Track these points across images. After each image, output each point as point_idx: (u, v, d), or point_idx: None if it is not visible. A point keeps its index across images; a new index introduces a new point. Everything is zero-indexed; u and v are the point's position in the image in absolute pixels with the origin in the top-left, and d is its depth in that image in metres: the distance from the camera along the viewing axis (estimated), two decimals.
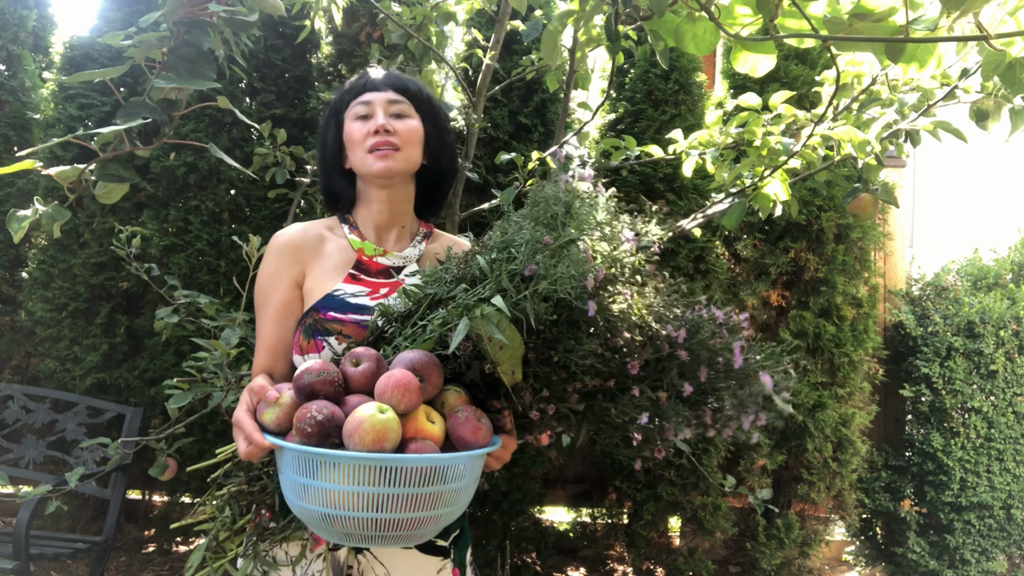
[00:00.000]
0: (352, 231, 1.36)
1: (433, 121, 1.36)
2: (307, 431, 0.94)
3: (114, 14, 3.54)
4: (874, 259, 3.69)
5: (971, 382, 3.47)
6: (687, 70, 3.57)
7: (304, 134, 3.55)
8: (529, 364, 1.03)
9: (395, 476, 0.91)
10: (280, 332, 1.30)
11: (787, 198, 1.88)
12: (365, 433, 0.92)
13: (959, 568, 3.48)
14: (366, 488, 0.90)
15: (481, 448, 1.00)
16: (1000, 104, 1.45)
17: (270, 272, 1.33)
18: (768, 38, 1.11)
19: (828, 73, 1.86)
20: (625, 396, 1.06)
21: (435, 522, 0.97)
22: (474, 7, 2.56)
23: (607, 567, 3.64)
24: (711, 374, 1.10)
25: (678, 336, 1.08)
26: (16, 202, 3.66)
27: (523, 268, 1.00)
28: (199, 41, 1.07)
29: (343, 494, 0.91)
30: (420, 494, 0.92)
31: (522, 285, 1.00)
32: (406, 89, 1.33)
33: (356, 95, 1.32)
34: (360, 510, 0.91)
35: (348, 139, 1.32)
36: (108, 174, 1.04)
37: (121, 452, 2.19)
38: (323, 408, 0.95)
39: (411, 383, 0.98)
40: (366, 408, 0.94)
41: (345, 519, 0.92)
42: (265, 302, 1.32)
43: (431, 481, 0.93)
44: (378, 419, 0.92)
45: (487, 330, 0.95)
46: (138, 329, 3.54)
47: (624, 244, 1.12)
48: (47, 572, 3.30)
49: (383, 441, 0.92)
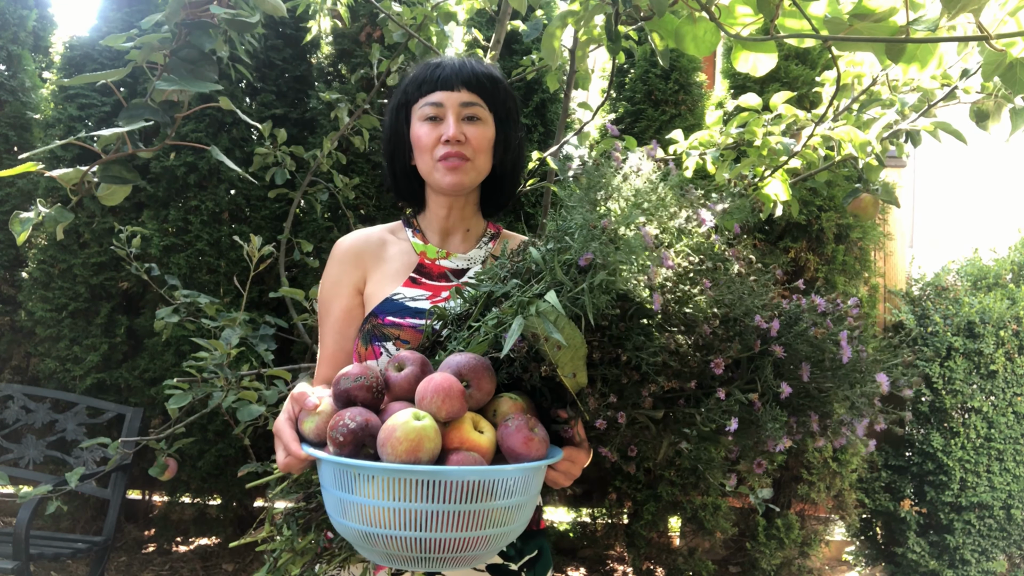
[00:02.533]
0: (415, 234, 1.31)
1: (505, 119, 1.27)
2: (339, 440, 0.88)
3: (114, 14, 3.54)
4: (874, 259, 3.69)
5: (971, 382, 3.47)
6: (687, 70, 3.58)
7: (304, 134, 3.55)
8: (595, 365, 0.92)
9: (435, 491, 0.83)
10: (342, 342, 1.25)
11: (787, 198, 1.88)
12: (398, 442, 0.85)
13: (959, 568, 3.48)
14: (403, 504, 0.83)
15: (534, 461, 0.90)
16: (1000, 104, 1.45)
17: (332, 280, 1.28)
18: (769, 38, 1.11)
19: (828, 73, 1.86)
20: (710, 400, 0.92)
21: (485, 543, 0.88)
22: (474, 7, 2.56)
23: (607, 567, 3.64)
24: (815, 372, 0.96)
25: (770, 329, 0.93)
26: (16, 202, 3.66)
27: (578, 257, 0.90)
28: (201, 43, 1.07)
29: (380, 510, 0.84)
30: (465, 511, 0.84)
31: (579, 277, 0.90)
32: (482, 87, 1.23)
33: (427, 91, 1.22)
34: (399, 528, 0.84)
35: (416, 141, 1.23)
36: (111, 176, 1.04)
37: (121, 452, 2.19)
38: (357, 416, 0.89)
39: (453, 388, 0.90)
40: (401, 415, 0.87)
41: (385, 538, 0.85)
42: (327, 311, 1.28)
43: (476, 497, 0.84)
44: (412, 427, 0.85)
45: (544, 329, 0.85)
46: (138, 329, 3.54)
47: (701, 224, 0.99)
48: (47, 572, 3.30)
49: (418, 451, 0.84)
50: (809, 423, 0.96)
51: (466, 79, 1.22)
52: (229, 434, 3.34)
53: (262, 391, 2.00)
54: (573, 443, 1.01)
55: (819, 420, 0.96)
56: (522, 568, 1.20)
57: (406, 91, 1.26)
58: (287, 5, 2.31)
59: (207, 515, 3.56)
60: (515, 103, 1.30)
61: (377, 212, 3.42)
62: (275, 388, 2.04)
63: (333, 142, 2.72)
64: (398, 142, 1.28)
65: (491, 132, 1.24)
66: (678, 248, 0.97)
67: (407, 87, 1.26)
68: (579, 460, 1.02)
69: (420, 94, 1.23)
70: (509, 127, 1.27)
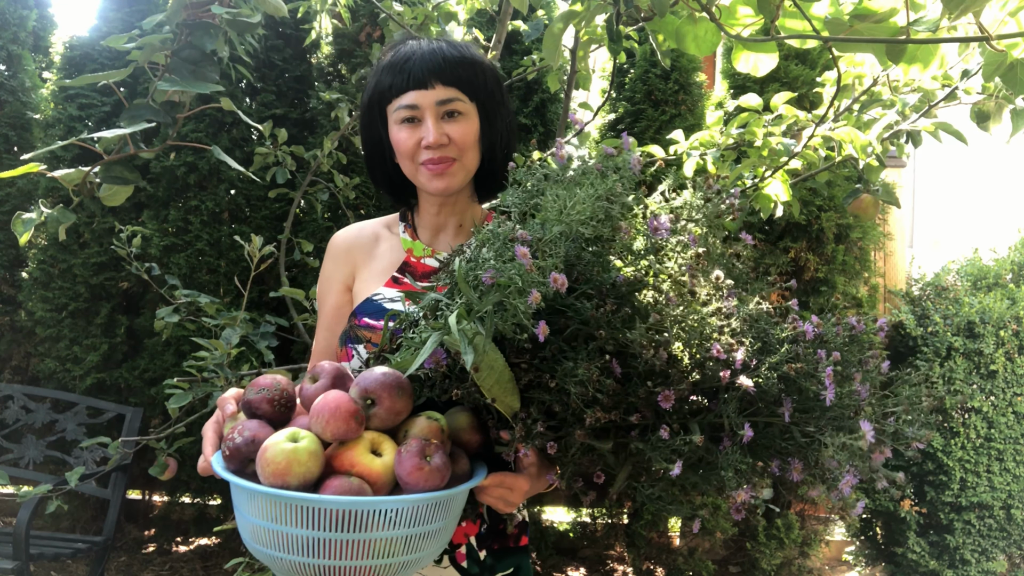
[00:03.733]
0: (407, 229, 1.25)
1: (489, 104, 1.17)
2: (225, 454, 0.84)
3: (114, 14, 3.54)
4: (874, 259, 3.69)
5: (971, 382, 3.47)
6: (687, 70, 3.58)
7: (304, 134, 3.55)
8: (529, 388, 0.85)
9: (306, 516, 0.79)
10: (330, 338, 1.23)
11: (788, 198, 1.88)
12: (266, 464, 0.81)
13: (959, 568, 3.48)
14: (280, 527, 0.80)
15: (426, 491, 0.83)
16: (1001, 105, 1.45)
17: (325, 276, 1.26)
18: (769, 39, 1.11)
19: (829, 74, 1.86)
20: (654, 437, 0.82)
21: (370, 573, 0.82)
22: (475, 7, 2.56)
23: (607, 567, 3.64)
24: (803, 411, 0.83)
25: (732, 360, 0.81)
26: (16, 202, 3.66)
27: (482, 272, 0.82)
28: (202, 43, 1.07)
29: (265, 530, 0.81)
30: (341, 540, 0.79)
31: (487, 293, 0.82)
32: (458, 78, 1.12)
33: (399, 91, 1.12)
34: (282, 551, 0.81)
35: (396, 146, 1.15)
36: (113, 176, 1.04)
37: (121, 452, 2.19)
38: (245, 430, 0.85)
39: (340, 407, 0.84)
40: (278, 435, 0.83)
41: (274, 559, 0.82)
42: (321, 306, 1.26)
43: (353, 527, 0.79)
44: (282, 448, 0.81)
45: (460, 348, 0.79)
46: (138, 329, 3.54)
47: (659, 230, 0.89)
48: (47, 572, 3.30)
49: (285, 475, 0.80)
50: (789, 469, 0.85)
51: (438, 72, 1.10)
52: None
53: None
54: (519, 468, 0.96)
55: (801, 468, 0.85)
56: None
57: (378, 88, 1.16)
58: (288, 6, 2.31)
59: (207, 515, 3.56)
60: (497, 82, 1.20)
61: (377, 212, 3.42)
62: None
63: (333, 142, 2.72)
64: (376, 141, 1.20)
65: (475, 125, 1.15)
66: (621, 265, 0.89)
67: (378, 84, 1.15)
68: (516, 486, 0.96)
69: (392, 94, 1.13)
70: (494, 111, 1.18)
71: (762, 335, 0.87)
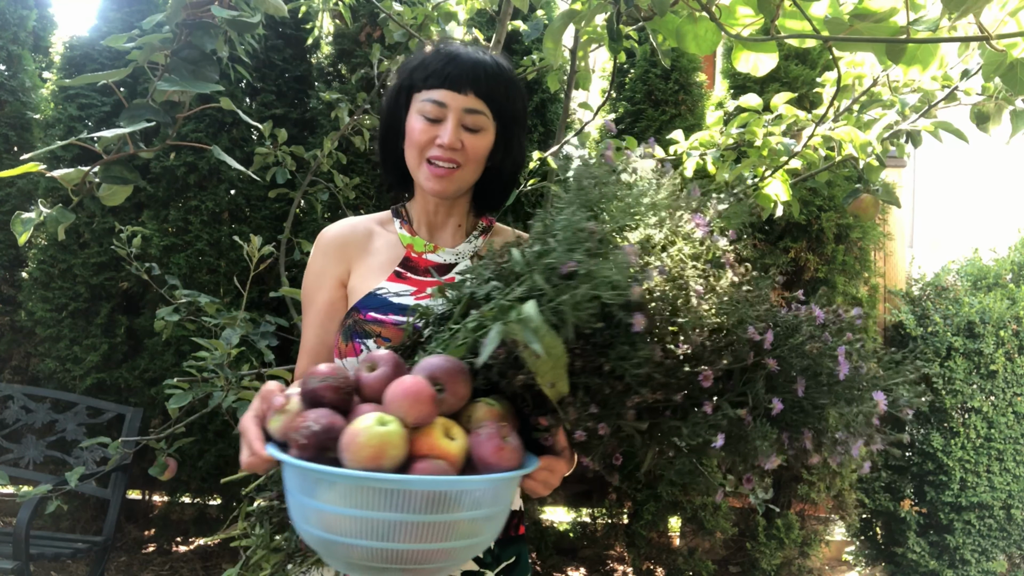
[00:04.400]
0: (403, 225, 1.26)
1: (511, 123, 1.20)
2: (301, 442, 0.84)
3: (114, 14, 3.54)
4: (874, 259, 3.69)
5: (971, 382, 3.47)
6: (687, 70, 3.58)
7: (304, 134, 3.55)
8: (577, 374, 0.88)
9: (397, 500, 0.79)
10: (323, 335, 1.22)
11: (788, 198, 1.88)
12: (360, 448, 0.81)
13: (959, 568, 3.48)
14: (365, 512, 0.79)
15: (506, 472, 0.86)
16: (1001, 106, 1.45)
17: (315, 271, 1.24)
18: (769, 38, 1.11)
19: (829, 74, 1.86)
20: (697, 413, 0.89)
21: (446, 556, 0.84)
22: (475, 7, 2.56)
23: (607, 567, 3.64)
24: (811, 387, 0.91)
25: (764, 340, 0.89)
26: (16, 202, 3.66)
27: (560, 264, 0.86)
28: (202, 43, 1.07)
29: (341, 517, 0.80)
30: (428, 522, 0.80)
31: (561, 284, 0.86)
32: (491, 94, 1.15)
33: (433, 85, 1.14)
34: (359, 537, 0.80)
35: (409, 132, 1.16)
36: (112, 176, 1.04)
37: (121, 452, 2.19)
38: (321, 418, 0.85)
39: (422, 391, 0.85)
40: (365, 419, 0.83)
41: (345, 546, 0.82)
42: (309, 303, 1.24)
43: (442, 508, 0.80)
44: (375, 432, 0.81)
45: (523, 337, 0.81)
46: (138, 329, 3.54)
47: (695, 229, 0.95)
48: (47, 572, 3.30)
49: (380, 458, 0.81)
50: (802, 439, 0.93)
51: (476, 83, 1.14)
52: (229, 434, 3.34)
53: None
54: (553, 451, 0.98)
55: (812, 437, 0.93)
56: (498, 575, 1.16)
57: (412, 75, 1.18)
58: (288, 6, 2.31)
59: (207, 515, 3.56)
60: (524, 103, 1.23)
61: (377, 212, 3.41)
62: None
63: (333, 142, 2.72)
64: (393, 123, 1.22)
65: (489, 140, 1.18)
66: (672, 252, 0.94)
67: (414, 71, 1.18)
68: (558, 469, 0.98)
69: (425, 85, 1.15)
70: (513, 131, 1.21)
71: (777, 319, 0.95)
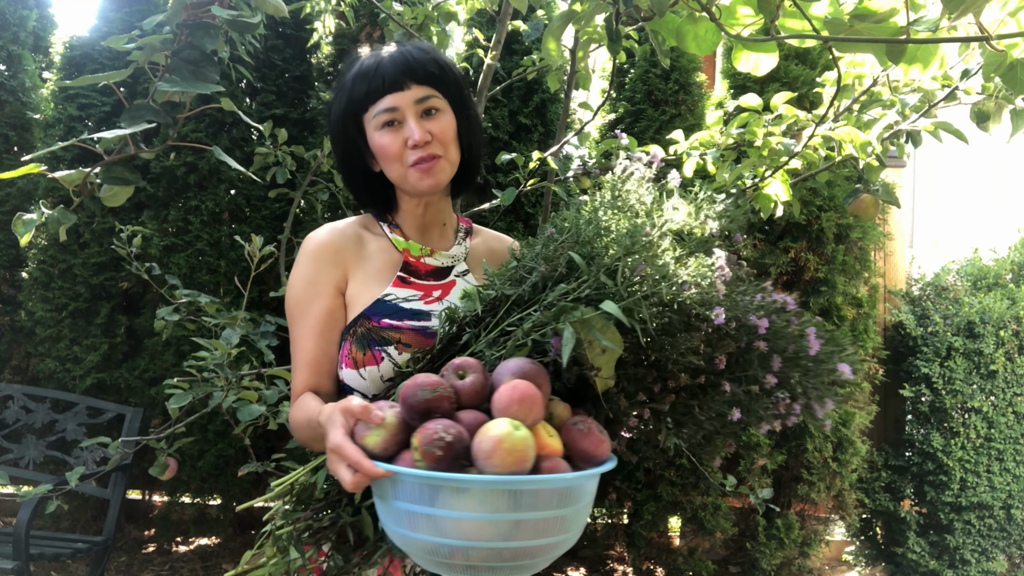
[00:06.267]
0: (393, 230, 1.25)
1: (460, 102, 1.21)
2: (436, 454, 0.84)
3: (114, 14, 3.54)
4: (874, 259, 3.69)
5: (971, 382, 3.47)
6: (687, 70, 3.58)
7: (304, 134, 3.55)
8: (624, 366, 0.96)
9: (528, 500, 0.83)
10: (323, 345, 1.17)
11: (788, 198, 1.88)
12: (506, 454, 0.83)
13: (959, 568, 3.48)
14: (497, 515, 0.82)
15: (605, 462, 0.92)
16: (1001, 106, 1.45)
17: (307, 279, 1.19)
18: (769, 39, 1.11)
19: (829, 74, 1.86)
20: (716, 392, 1.01)
21: (552, 550, 0.89)
22: (475, 7, 2.56)
23: (607, 567, 3.65)
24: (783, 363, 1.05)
25: (759, 326, 1.02)
26: (16, 202, 3.66)
27: (635, 265, 0.94)
28: (202, 44, 1.07)
29: (469, 522, 0.83)
30: (549, 518, 0.85)
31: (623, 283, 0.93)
32: (430, 77, 1.16)
33: (376, 97, 1.15)
34: (486, 539, 0.83)
35: (380, 151, 1.17)
36: (113, 177, 1.04)
37: (121, 452, 2.19)
38: (451, 428, 0.86)
39: (536, 395, 0.89)
40: (499, 426, 0.85)
41: (464, 549, 0.84)
42: (303, 313, 1.18)
43: (563, 502, 0.85)
44: (517, 437, 0.84)
45: (589, 335, 0.88)
46: (138, 329, 3.55)
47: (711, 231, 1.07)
48: (47, 572, 3.30)
49: (524, 462, 0.84)
50: (778, 407, 1.07)
51: (411, 72, 1.14)
52: (229, 434, 3.35)
53: (262, 391, 1.99)
54: None
55: (784, 405, 1.07)
56: None
57: (352, 99, 1.17)
58: (289, 7, 2.31)
59: (207, 515, 3.56)
60: (464, 80, 1.24)
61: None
62: (275, 388, 2.03)
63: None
64: (353, 152, 1.21)
65: (452, 120, 1.18)
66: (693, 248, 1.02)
67: (351, 94, 1.17)
68: None
69: (369, 101, 1.15)
70: (465, 108, 1.22)
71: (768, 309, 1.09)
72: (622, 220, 1.01)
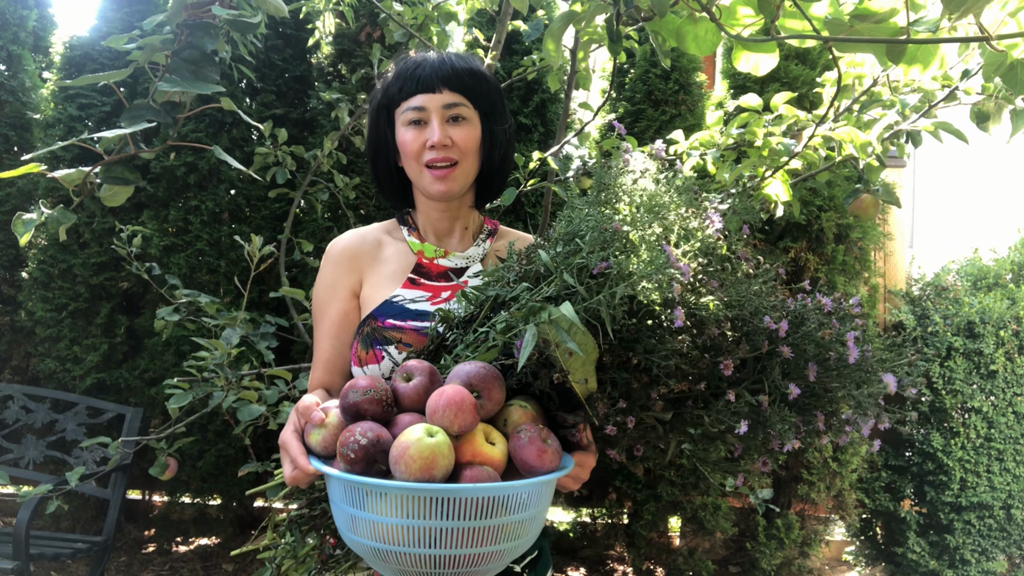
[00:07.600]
0: (411, 232, 1.29)
1: (491, 114, 1.24)
2: (350, 457, 0.85)
3: (114, 14, 3.54)
4: (874, 259, 3.69)
5: (971, 382, 3.47)
6: (687, 70, 3.57)
7: (304, 134, 3.55)
8: (604, 369, 0.91)
9: (449, 508, 0.81)
10: (338, 346, 1.23)
11: (788, 198, 1.88)
12: (412, 460, 0.82)
13: (959, 568, 3.48)
14: (417, 521, 0.81)
15: (549, 473, 0.89)
16: (1001, 106, 1.45)
17: (327, 283, 1.25)
18: (769, 39, 1.11)
19: (829, 74, 1.86)
20: (719, 402, 0.93)
21: (498, 558, 0.87)
22: (475, 7, 2.56)
23: (607, 567, 3.64)
24: (821, 372, 0.95)
25: (779, 329, 0.93)
26: (16, 202, 3.66)
27: (593, 263, 0.89)
28: (203, 44, 1.07)
29: (393, 527, 0.82)
30: (479, 527, 0.82)
31: (591, 282, 0.89)
32: (464, 86, 1.20)
33: (408, 94, 1.19)
34: (412, 545, 0.82)
35: (402, 147, 1.21)
36: (113, 177, 1.04)
37: (121, 452, 2.19)
38: (368, 431, 0.86)
39: (465, 401, 0.87)
40: (413, 431, 0.85)
41: (397, 555, 0.84)
42: (322, 314, 1.25)
43: (491, 513, 0.83)
44: (426, 444, 0.83)
45: (556, 336, 0.84)
46: (138, 329, 3.54)
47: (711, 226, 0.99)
48: (47, 572, 3.30)
49: (432, 469, 0.83)
50: (815, 422, 0.96)
51: (447, 79, 1.18)
52: (229, 434, 3.34)
53: (262, 391, 1.99)
54: (581, 447, 1.00)
55: (825, 419, 0.96)
56: (524, 569, 1.19)
57: (387, 93, 1.23)
58: (289, 7, 2.31)
59: (207, 515, 3.56)
60: (500, 96, 1.27)
61: (377, 212, 3.42)
62: (275, 388, 2.03)
63: (333, 142, 2.72)
64: (381, 143, 1.26)
65: (477, 131, 1.22)
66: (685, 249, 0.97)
67: (388, 88, 1.23)
68: (588, 464, 1.01)
69: (401, 97, 1.20)
70: (495, 122, 1.25)
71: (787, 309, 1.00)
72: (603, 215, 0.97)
